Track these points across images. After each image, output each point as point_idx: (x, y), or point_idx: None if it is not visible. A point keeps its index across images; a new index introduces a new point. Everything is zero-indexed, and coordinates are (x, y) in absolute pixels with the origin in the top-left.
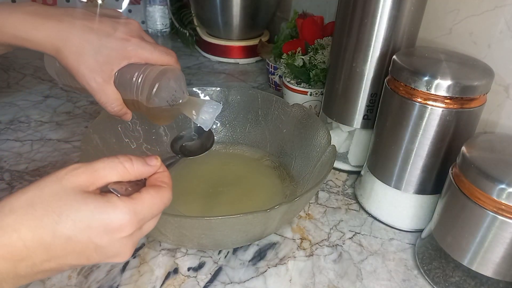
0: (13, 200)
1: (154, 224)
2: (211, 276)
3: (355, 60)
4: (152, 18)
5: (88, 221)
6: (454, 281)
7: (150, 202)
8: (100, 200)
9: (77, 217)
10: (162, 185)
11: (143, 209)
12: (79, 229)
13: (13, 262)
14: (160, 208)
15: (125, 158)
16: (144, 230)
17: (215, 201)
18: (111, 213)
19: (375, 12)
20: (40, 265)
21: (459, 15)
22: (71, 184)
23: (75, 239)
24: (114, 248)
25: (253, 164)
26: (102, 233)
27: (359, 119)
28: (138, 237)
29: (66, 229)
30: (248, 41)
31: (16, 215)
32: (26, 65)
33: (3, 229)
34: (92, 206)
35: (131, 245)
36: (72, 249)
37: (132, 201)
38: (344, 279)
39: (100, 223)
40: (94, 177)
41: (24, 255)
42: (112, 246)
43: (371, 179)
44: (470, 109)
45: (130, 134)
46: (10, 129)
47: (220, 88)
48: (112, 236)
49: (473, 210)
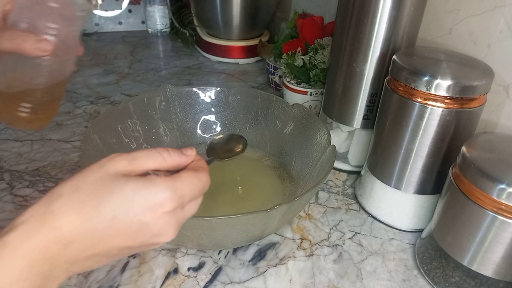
0: (60, 187)
1: (196, 207)
2: (211, 276)
3: (355, 60)
4: (152, 18)
5: (131, 199)
6: (454, 281)
7: (189, 181)
8: (141, 179)
9: (120, 197)
10: (199, 168)
11: (183, 186)
12: (122, 208)
13: (62, 245)
14: (199, 188)
15: (163, 149)
16: (187, 212)
17: (215, 201)
18: (151, 189)
19: (375, 12)
20: (89, 248)
21: (459, 15)
22: (113, 169)
23: (119, 217)
24: (158, 225)
25: (253, 164)
26: (144, 209)
27: (359, 119)
28: (181, 217)
29: (110, 209)
30: (248, 41)
31: (63, 199)
32: None
33: (52, 214)
34: (134, 185)
35: (174, 223)
36: (117, 229)
37: (172, 178)
38: (344, 279)
39: (142, 200)
40: (134, 164)
41: (72, 238)
42: (156, 223)
43: (371, 179)
44: (470, 109)
45: (130, 134)
46: (10, 129)
47: (220, 88)
48: (155, 212)
49: (473, 210)
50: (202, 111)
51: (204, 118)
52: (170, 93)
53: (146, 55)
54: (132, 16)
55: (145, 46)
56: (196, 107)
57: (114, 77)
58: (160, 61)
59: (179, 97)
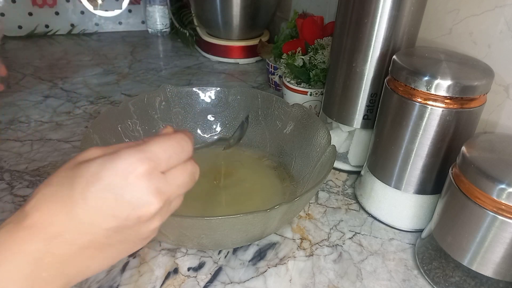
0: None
1: (182, 174)
2: (211, 276)
3: (355, 60)
4: (152, 18)
5: (98, 174)
6: (454, 281)
7: (158, 142)
8: (107, 155)
9: (88, 176)
10: (172, 133)
11: (152, 148)
12: (92, 185)
13: (42, 243)
14: (175, 149)
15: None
16: (171, 178)
17: (215, 201)
18: (117, 158)
19: (375, 12)
20: (74, 240)
21: (459, 15)
22: (84, 158)
23: (91, 196)
24: (135, 194)
25: (253, 164)
26: (114, 179)
27: (359, 119)
28: (162, 182)
29: (80, 191)
30: (248, 41)
31: (35, 198)
32: (26, 65)
33: (25, 215)
34: (100, 160)
35: (153, 188)
36: (93, 209)
37: (137, 143)
38: (344, 279)
39: (110, 172)
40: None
41: (50, 233)
42: (132, 192)
43: (371, 179)
44: (470, 109)
45: (130, 134)
46: (10, 129)
47: (220, 88)
48: (125, 179)
49: (473, 210)
50: (202, 111)
51: (204, 118)
52: (170, 93)
53: (146, 55)
54: (132, 16)
55: (145, 46)
56: (196, 107)
57: (114, 77)
58: (160, 61)
59: (179, 97)
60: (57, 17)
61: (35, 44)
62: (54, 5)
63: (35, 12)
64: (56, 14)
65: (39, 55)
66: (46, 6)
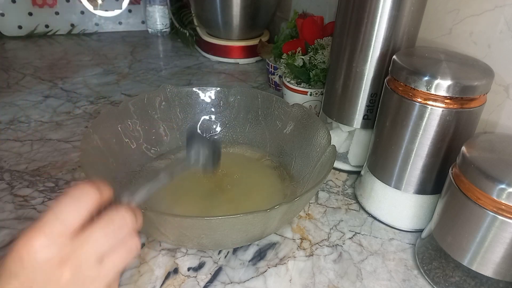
0: None
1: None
2: (211, 276)
3: (355, 60)
4: (152, 18)
5: (4, 263)
6: (454, 281)
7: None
8: None
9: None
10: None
11: (55, 213)
12: (4, 277)
13: None
14: (78, 204)
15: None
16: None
17: (215, 201)
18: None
19: (375, 12)
20: None
21: (459, 15)
22: None
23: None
24: (41, 277)
25: (253, 164)
26: (16, 263)
27: (359, 119)
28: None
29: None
30: (248, 41)
31: None
32: (26, 65)
33: None
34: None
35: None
36: None
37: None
38: (344, 279)
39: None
40: None
41: None
42: (39, 275)
43: (371, 179)
44: (470, 109)
45: (130, 134)
46: (10, 129)
47: (220, 88)
48: (27, 259)
49: (473, 210)
50: (202, 111)
51: (204, 118)
52: (170, 93)
53: (146, 55)
54: (132, 16)
55: (145, 46)
56: (196, 107)
57: (114, 77)
58: (160, 61)
59: (179, 97)
60: (57, 17)
61: (35, 44)
62: (54, 5)
63: (35, 12)
64: (56, 14)
65: (39, 55)
66: (46, 6)
